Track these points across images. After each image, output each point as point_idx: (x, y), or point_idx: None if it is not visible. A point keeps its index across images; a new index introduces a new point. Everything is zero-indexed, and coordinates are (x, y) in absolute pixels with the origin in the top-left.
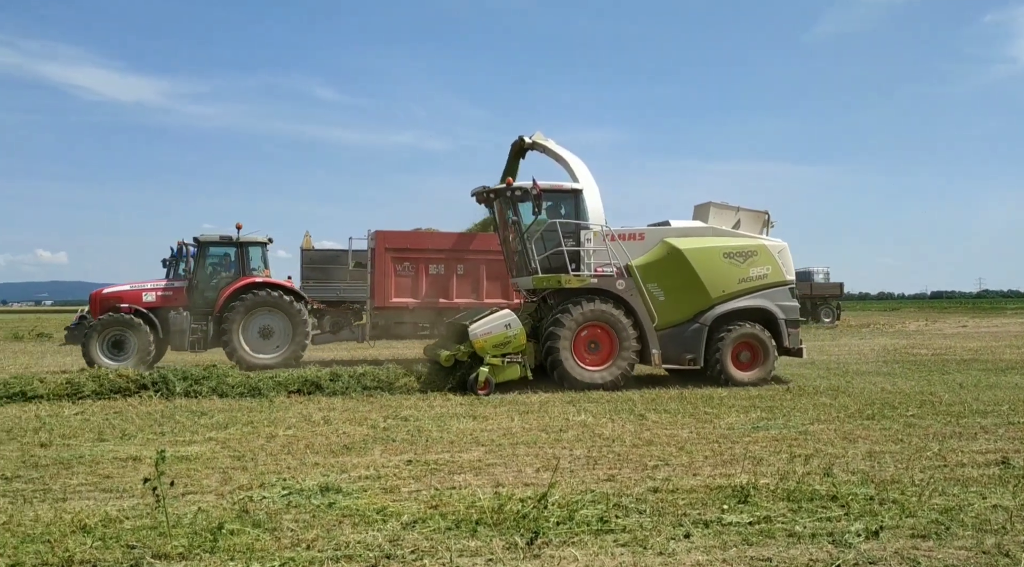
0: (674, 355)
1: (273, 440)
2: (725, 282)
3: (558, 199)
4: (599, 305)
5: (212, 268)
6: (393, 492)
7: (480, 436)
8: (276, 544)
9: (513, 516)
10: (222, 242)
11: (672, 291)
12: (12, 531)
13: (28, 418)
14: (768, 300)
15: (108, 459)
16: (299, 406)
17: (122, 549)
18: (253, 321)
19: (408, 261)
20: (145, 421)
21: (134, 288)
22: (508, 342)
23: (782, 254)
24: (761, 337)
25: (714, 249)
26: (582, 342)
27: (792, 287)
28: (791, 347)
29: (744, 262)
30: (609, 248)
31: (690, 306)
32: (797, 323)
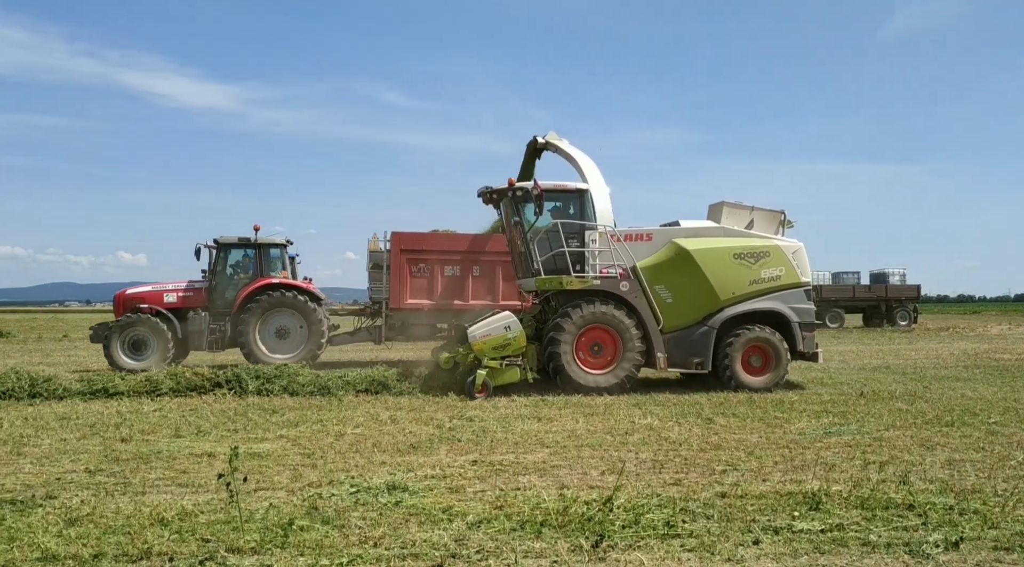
0: (681, 359)
1: (342, 438)
2: (735, 284)
3: (562, 199)
4: (602, 307)
5: (231, 269)
6: (458, 492)
7: (545, 438)
8: (344, 541)
9: (578, 518)
10: (241, 244)
11: (680, 293)
12: (95, 522)
13: (110, 414)
14: (781, 302)
15: (184, 455)
16: (367, 405)
17: (197, 542)
18: (270, 321)
19: (423, 263)
20: (219, 418)
21: (155, 289)
22: (508, 344)
23: (797, 255)
24: (773, 341)
25: (724, 250)
26: (584, 345)
27: (808, 289)
28: (805, 351)
29: (756, 263)
30: (615, 249)
31: (698, 308)
32: (812, 326)
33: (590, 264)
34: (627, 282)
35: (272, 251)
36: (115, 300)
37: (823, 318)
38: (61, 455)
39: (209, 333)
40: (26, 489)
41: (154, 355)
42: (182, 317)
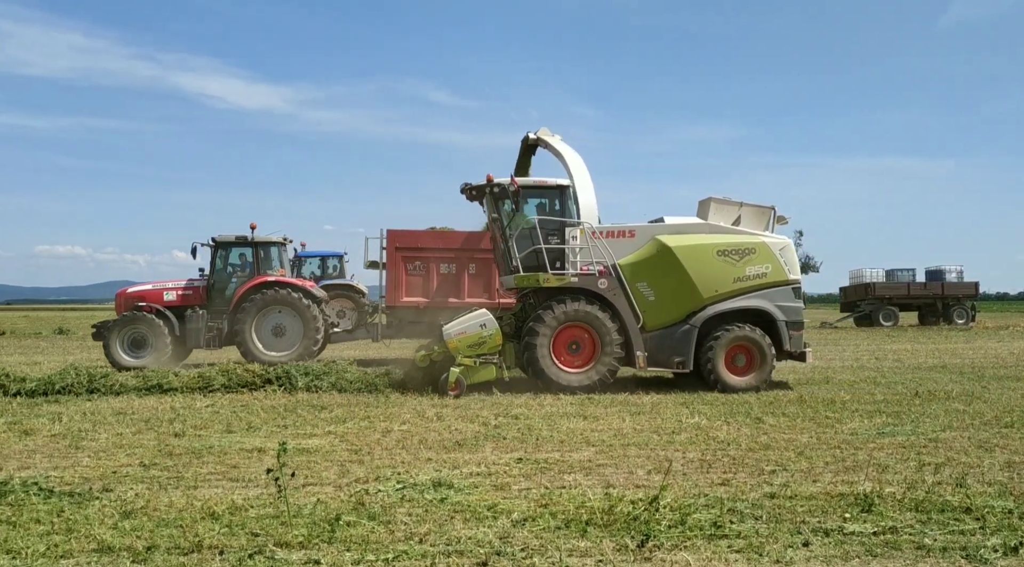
0: (663, 358)
1: (388, 435)
2: (718, 281)
3: (542, 196)
4: (580, 305)
5: (229, 268)
6: (503, 489)
7: (590, 436)
8: (390, 537)
9: (624, 518)
10: (238, 242)
11: (662, 291)
12: (149, 515)
13: (164, 410)
14: (767, 301)
15: (235, 450)
16: (413, 402)
17: (247, 536)
18: (266, 319)
19: (419, 260)
20: (269, 414)
21: (156, 287)
22: (483, 342)
23: (784, 252)
24: (757, 340)
25: (707, 246)
26: (562, 343)
27: (796, 287)
28: (793, 351)
29: (740, 260)
30: (596, 246)
31: (681, 306)
32: (800, 325)
33: (570, 261)
34: (606, 279)
35: (269, 249)
36: (116, 298)
37: (876, 316)
38: (117, 449)
39: (207, 331)
40: (84, 482)
41: (152, 353)
42: (181, 315)
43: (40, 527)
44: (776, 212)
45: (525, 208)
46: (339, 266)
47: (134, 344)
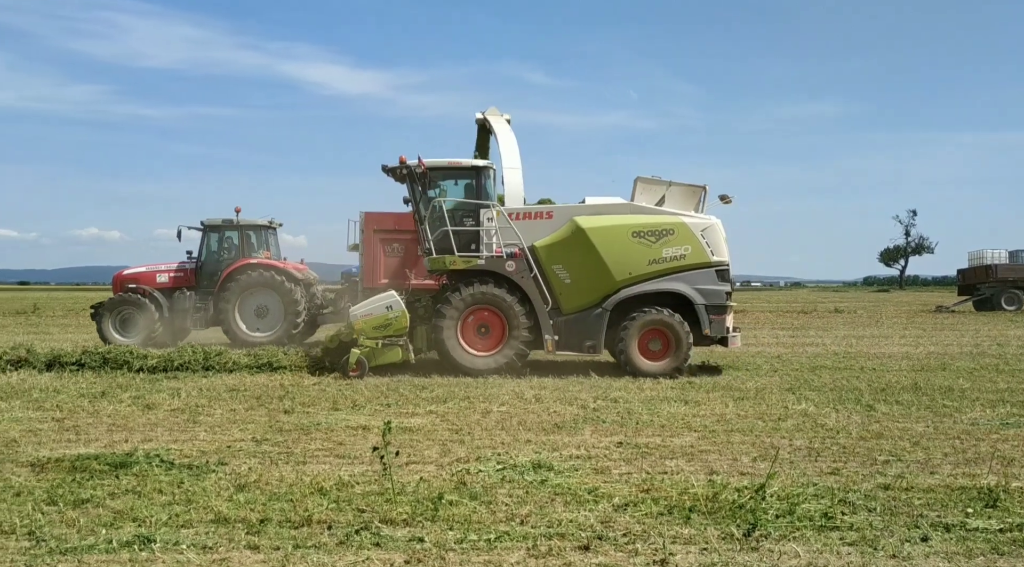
0: (575, 341)
1: (488, 416)
2: (632, 263)
3: (457, 177)
4: (487, 288)
5: (216, 250)
6: (604, 473)
7: (692, 421)
8: (492, 517)
9: (728, 506)
10: (224, 226)
11: (577, 273)
12: (261, 489)
13: (274, 387)
14: (685, 283)
15: (341, 427)
16: (511, 384)
17: (353, 512)
18: (249, 300)
19: (397, 243)
20: (373, 393)
21: (150, 270)
22: (389, 324)
23: (708, 232)
24: (672, 324)
25: (621, 228)
26: (471, 326)
27: (721, 269)
28: (713, 335)
29: (657, 242)
30: (512, 228)
31: (595, 289)
32: (723, 309)
33: (484, 243)
34: (514, 262)
35: (253, 232)
36: (113, 280)
37: (998, 300)
38: (231, 424)
39: (194, 311)
40: (201, 455)
41: (141, 332)
42: (171, 296)
43: (162, 497)
44: (707, 191)
45: (449, 191)
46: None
47: (124, 324)
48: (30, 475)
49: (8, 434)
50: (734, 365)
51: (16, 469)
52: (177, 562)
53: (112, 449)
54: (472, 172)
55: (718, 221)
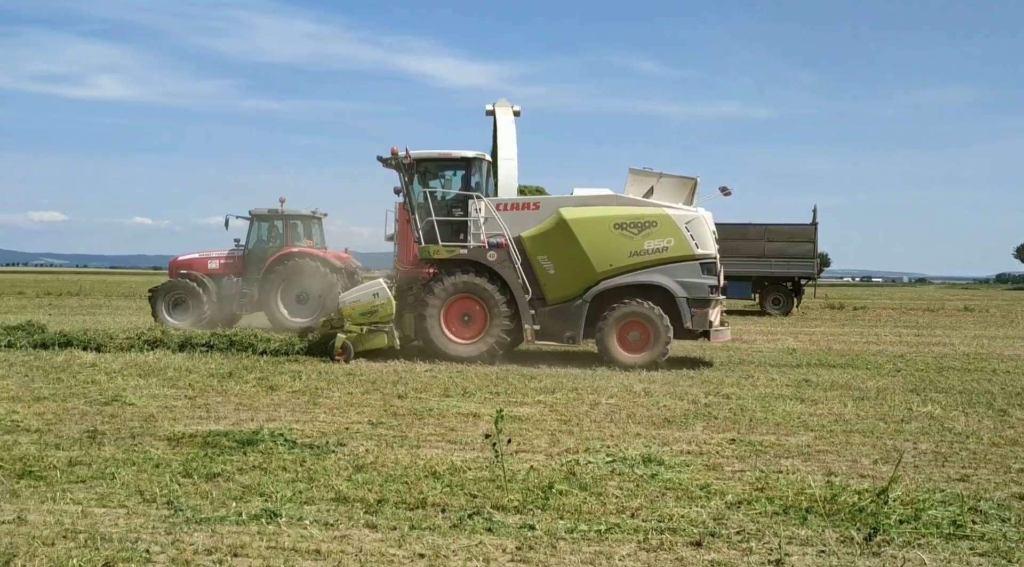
0: (556, 331)
1: (596, 408)
2: (613, 255)
3: (448, 168)
4: (469, 277)
5: (262, 239)
6: (716, 470)
7: (808, 420)
8: (602, 509)
9: (848, 508)
10: (270, 215)
11: (560, 264)
12: (378, 470)
13: (388, 373)
14: (666, 276)
15: (452, 413)
16: (620, 377)
17: (466, 497)
18: (291, 287)
19: None
20: (483, 381)
21: (202, 256)
22: (375, 311)
23: (693, 225)
24: (651, 316)
25: (604, 219)
26: (455, 315)
27: (707, 262)
28: (694, 329)
29: (639, 234)
30: (498, 218)
31: (578, 280)
32: (705, 302)
33: (472, 233)
34: (496, 252)
35: (297, 222)
36: (169, 265)
37: None
38: (348, 407)
39: (240, 297)
40: (321, 436)
41: (191, 316)
42: (220, 282)
43: (286, 474)
44: (698, 183)
45: (436, 181)
46: None
47: (176, 307)
48: (167, 448)
49: (147, 409)
50: (853, 364)
51: (155, 442)
52: (301, 537)
53: (239, 427)
54: (463, 163)
55: (706, 213)
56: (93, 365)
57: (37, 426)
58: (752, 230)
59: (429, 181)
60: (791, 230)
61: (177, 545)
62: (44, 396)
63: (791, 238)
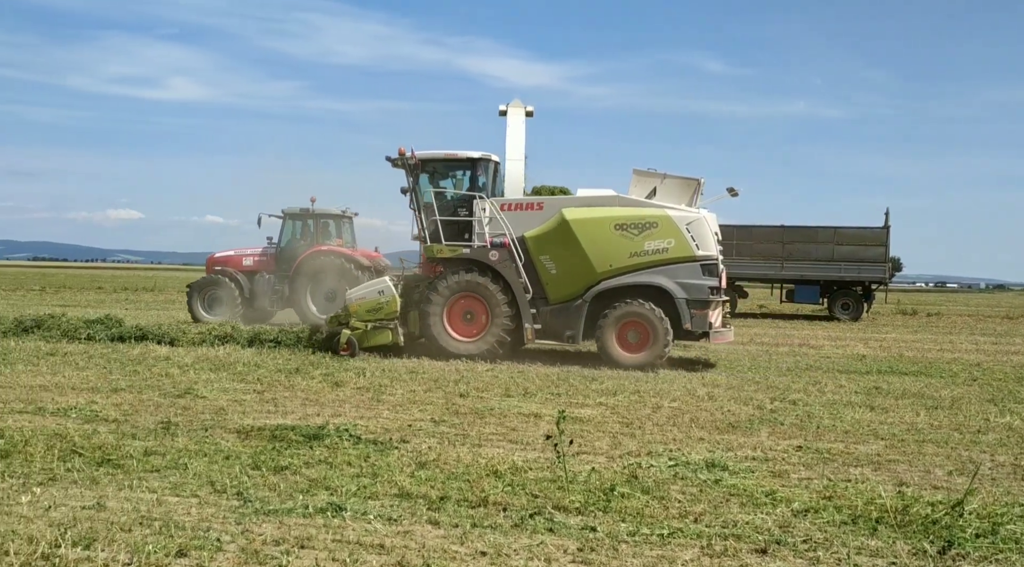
0: (557, 331)
1: (659, 411)
2: (613, 256)
3: (453, 168)
4: (472, 276)
5: (293, 237)
6: (782, 477)
7: (879, 429)
8: (664, 513)
9: (920, 520)
10: (301, 214)
11: (562, 264)
12: (440, 468)
13: (450, 371)
14: (666, 277)
15: (513, 413)
16: (683, 380)
17: (527, 496)
18: (320, 285)
19: None
20: (544, 382)
21: (237, 253)
22: (380, 308)
23: (694, 226)
24: (649, 316)
25: (605, 220)
26: (458, 313)
27: (708, 263)
28: (694, 330)
29: (639, 234)
30: (501, 218)
31: (579, 280)
32: (705, 303)
33: (476, 233)
34: (498, 252)
35: (328, 221)
36: (206, 262)
37: None
38: (411, 404)
39: (272, 293)
40: (384, 432)
41: (225, 312)
42: (253, 279)
43: (351, 469)
44: (701, 185)
45: (444, 181)
46: None
47: (211, 302)
48: (236, 441)
49: (217, 402)
50: (926, 372)
51: (225, 435)
52: (366, 531)
53: (306, 421)
54: (468, 163)
55: (708, 215)
56: (167, 358)
57: (115, 416)
58: (821, 233)
59: (435, 181)
60: (862, 233)
61: (246, 535)
62: (121, 387)
63: (862, 241)
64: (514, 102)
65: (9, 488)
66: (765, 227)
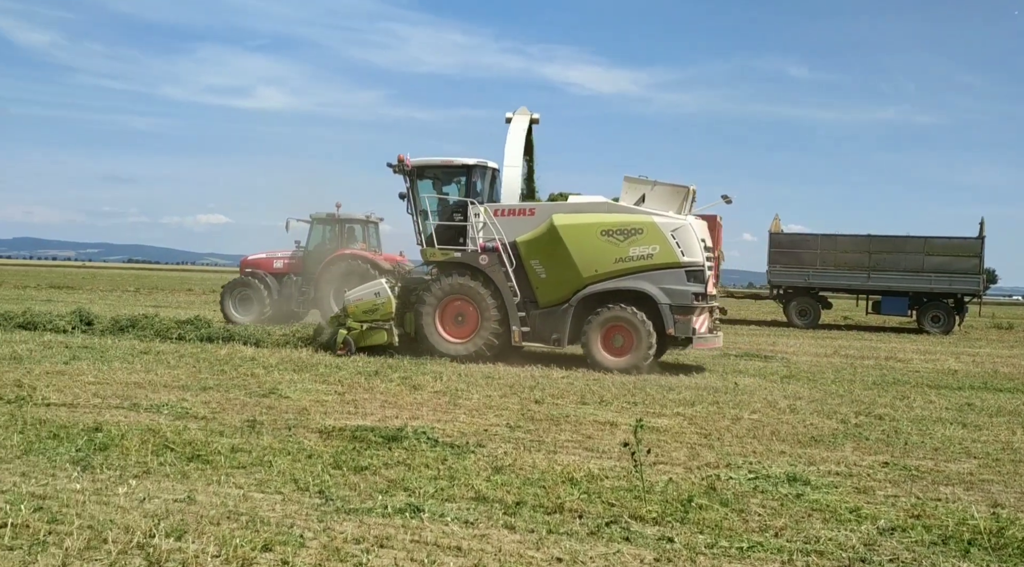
0: (544, 334)
1: (738, 422)
2: (598, 261)
3: (449, 175)
4: (463, 279)
5: (320, 241)
6: (867, 493)
7: (971, 447)
8: (744, 526)
9: (1017, 543)
10: (328, 219)
11: (551, 269)
12: (516, 473)
13: (525, 377)
14: (650, 283)
15: (589, 421)
16: (763, 392)
17: (603, 505)
18: (344, 287)
19: None
20: (620, 390)
21: (268, 256)
22: (376, 309)
23: (680, 233)
24: (633, 321)
25: (591, 226)
26: (450, 314)
27: (694, 269)
28: (677, 335)
29: (625, 240)
30: (494, 223)
31: (567, 285)
32: (689, 309)
33: (470, 237)
34: (487, 256)
35: (353, 226)
36: (240, 264)
37: None
38: (487, 409)
39: (299, 295)
40: (461, 436)
41: (253, 312)
42: (282, 281)
43: (428, 471)
44: (691, 192)
45: (445, 187)
46: None
47: (241, 303)
48: (318, 440)
49: (300, 403)
50: (1023, 388)
51: (308, 434)
52: (443, 533)
53: (385, 423)
54: (463, 170)
55: (695, 222)
56: (252, 359)
57: (204, 414)
58: (911, 243)
59: (432, 187)
60: (954, 244)
61: (328, 533)
62: (209, 386)
63: (954, 252)
64: (520, 110)
65: (107, 479)
66: (851, 236)
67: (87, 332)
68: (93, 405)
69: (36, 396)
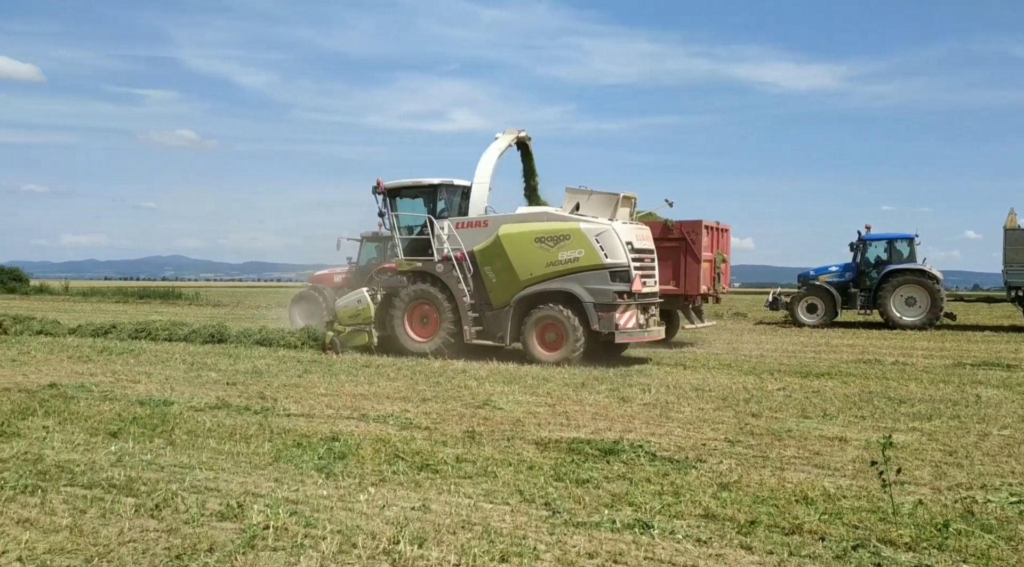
0: (492, 332)
1: (987, 439)
2: (533, 266)
3: (419, 195)
4: (425, 286)
5: (370, 256)
6: None
7: None
8: (1015, 556)
9: None
10: (375, 237)
11: (499, 274)
12: (743, 490)
13: (737, 389)
14: (576, 284)
15: (815, 436)
16: (1012, 404)
17: (846, 527)
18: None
19: None
20: (843, 403)
21: (331, 272)
22: (359, 314)
23: (603, 237)
24: (561, 319)
25: (528, 234)
26: (416, 317)
27: (616, 271)
28: (601, 330)
29: (554, 246)
30: (456, 236)
31: (510, 288)
32: (613, 306)
33: (436, 248)
34: (442, 264)
35: None
36: (309, 279)
37: None
38: (701, 422)
39: None
40: (679, 450)
41: (312, 321)
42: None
43: (651, 486)
44: (621, 198)
45: (416, 205)
46: (909, 249)
47: (304, 313)
48: (536, 452)
49: (514, 414)
50: None
51: (524, 445)
52: (676, 550)
53: (599, 436)
54: (430, 190)
55: (618, 226)
56: (464, 371)
57: (426, 424)
58: None
59: (406, 206)
60: None
61: (560, 546)
62: (428, 397)
63: None
64: (508, 130)
65: (348, 486)
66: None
67: (314, 348)
68: (327, 416)
69: (278, 407)
